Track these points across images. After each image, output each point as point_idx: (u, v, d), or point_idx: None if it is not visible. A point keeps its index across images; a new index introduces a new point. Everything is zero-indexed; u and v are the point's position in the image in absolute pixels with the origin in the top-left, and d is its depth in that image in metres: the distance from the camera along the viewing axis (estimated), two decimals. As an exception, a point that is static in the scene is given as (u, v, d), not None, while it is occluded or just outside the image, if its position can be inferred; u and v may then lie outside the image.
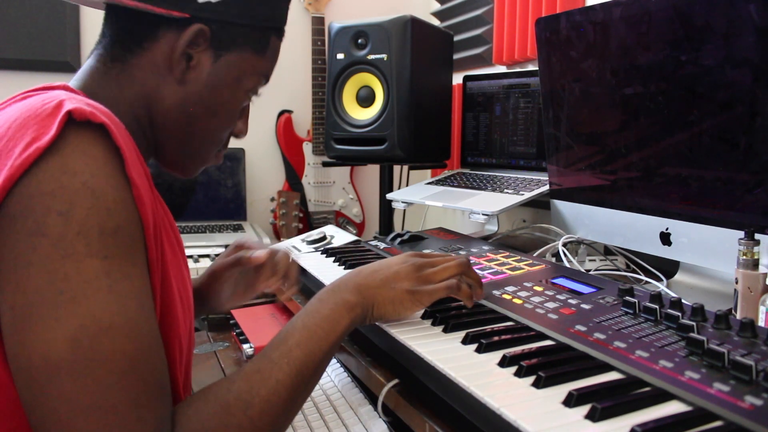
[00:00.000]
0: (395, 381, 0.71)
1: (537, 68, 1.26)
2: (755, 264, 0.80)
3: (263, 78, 0.74)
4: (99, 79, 0.68)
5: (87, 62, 0.70)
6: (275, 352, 0.61)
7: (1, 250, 0.50)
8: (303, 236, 1.46)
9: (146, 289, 0.56)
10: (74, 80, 0.69)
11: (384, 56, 1.62)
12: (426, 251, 1.05)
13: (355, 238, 1.37)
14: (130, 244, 0.54)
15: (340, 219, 2.38)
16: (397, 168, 2.02)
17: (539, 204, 1.62)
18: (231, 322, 1.29)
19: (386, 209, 1.82)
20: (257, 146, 2.33)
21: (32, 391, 0.49)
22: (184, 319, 0.66)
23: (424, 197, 1.54)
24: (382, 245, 1.22)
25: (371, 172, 2.37)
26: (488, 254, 1.08)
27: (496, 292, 0.86)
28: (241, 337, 1.18)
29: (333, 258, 1.16)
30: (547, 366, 0.61)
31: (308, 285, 1.06)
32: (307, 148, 2.33)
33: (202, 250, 1.86)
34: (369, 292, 0.71)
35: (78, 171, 0.51)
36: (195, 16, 0.66)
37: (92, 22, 2.08)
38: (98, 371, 0.49)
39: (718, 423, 0.50)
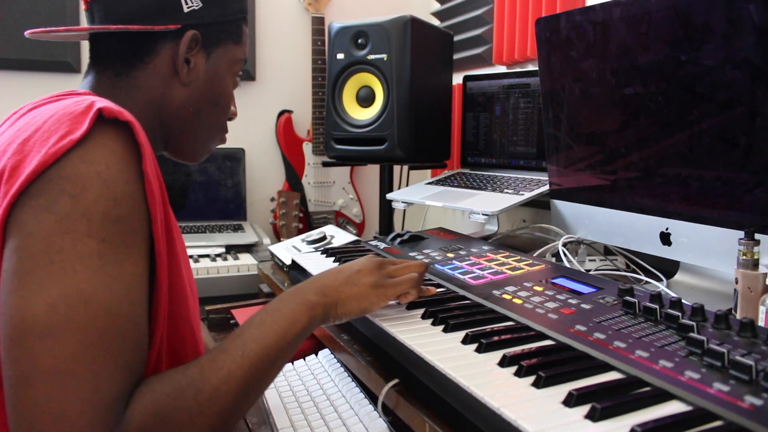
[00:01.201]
0: (395, 381, 0.71)
1: (537, 68, 1.26)
2: (755, 264, 0.80)
3: (243, 62, 0.84)
4: (108, 91, 0.73)
5: (87, 80, 0.76)
6: (231, 344, 0.63)
7: (13, 221, 0.55)
8: (303, 236, 1.46)
9: (138, 279, 0.58)
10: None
11: (384, 56, 1.62)
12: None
13: (355, 238, 1.37)
14: (130, 234, 0.58)
15: (340, 219, 2.39)
16: (397, 168, 2.02)
17: (539, 204, 1.62)
18: (231, 321, 1.29)
19: (386, 209, 1.82)
20: (257, 146, 2.33)
21: (7, 350, 0.53)
22: (194, 310, 0.71)
23: (424, 197, 1.54)
24: (382, 245, 1.22)
25: (371, 172, 2.37)
26: (488, 254, 1.08)
27: (496, 292, 0.86)
28: (241, 337, 1.17)
29: (333, 258, 1.16)
30: (547, 366, 0.61)
31: (308, 285, 1.06)
32: (307, 148, 2.33)
33: (202, 250, 1.86)
34: (332, 291, 0.73)
35: (95, 161, 0.57)
36: (185, 24, 0.74)
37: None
38: (67, 338, 0.52)
39: (718, 423, 0.50)
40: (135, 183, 0.59)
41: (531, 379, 0.59)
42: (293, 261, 1.20)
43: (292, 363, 1.05)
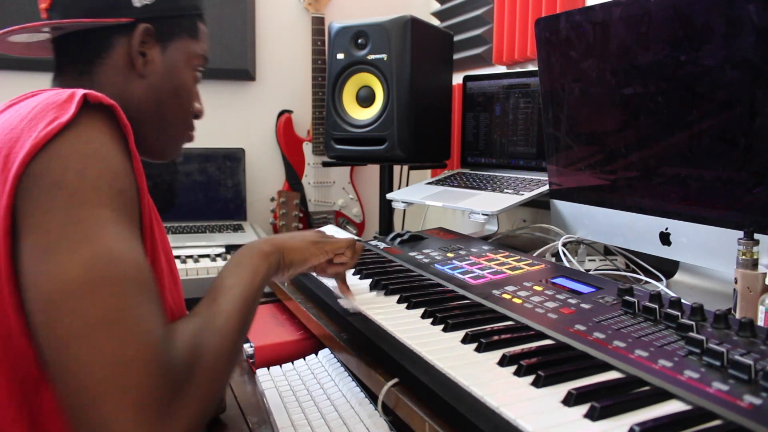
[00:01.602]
0: (395, 380, 0.71)
1: (537, 68, 1.26)
2: (755, 264, 0.80)
3: (203, 58, 0.86)
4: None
5: (55, 84, 0.79)
6: (216, 293, 0.68)
7: (23, 204, 0.57)
8: (303, 236, 1.46)
9: (141, 247, 0.63)
10: None
11: (384, 56, 1.62)
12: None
13: (355, 238, 1.37)
14: (130, 207, 0.63)
15: (340, 219, 2.39)
16: (397, 168, 2.02)
17: (539, 204, 1.62)
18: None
19: (386, 209, 1.82)
20: (257, 146, 2.33)
21: (49, 314, 0.54)
22: (171, 293, 0.74)
23: (424, 197, 1.55)
24: (382, 245, 1.22)
25: (371, 172, 2.37)
26: (488, 254, 1.08)
27: (495, 292, 0.86)
28: (241, 337, 1.17)
29: (333, 258, 1.15)
30: (546, 365, 0.61)
31: (308, 285, 1.06)
32: (307, 148, 2.33)
33: (202, 250, 1.86)
34: (279, 242, 0.82)
35: (91, 139, 0.60)
36: (138, 18, 0.77)
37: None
38: (108, 290, 0.55)
39: (717, 422, 0.51)
40: (126, 160, 0.63)
41: (530, 378, 0.59)
42: (293, 261, 1.20)
43: (293, 363, 1.05)
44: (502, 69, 1.93)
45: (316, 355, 1.06)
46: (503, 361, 0.64)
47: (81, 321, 0.53)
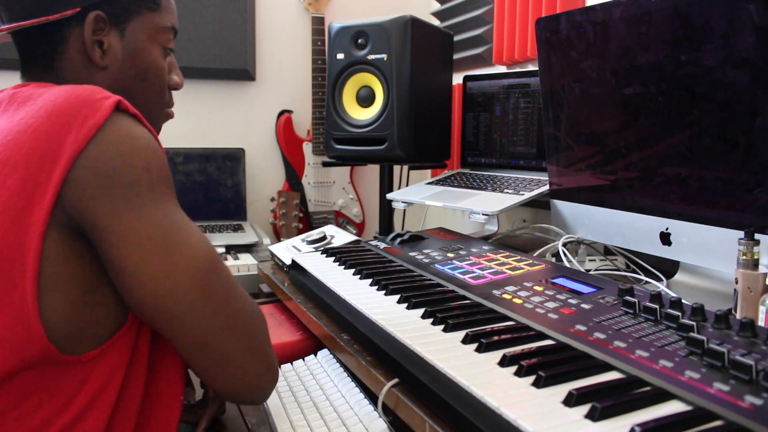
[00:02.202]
0: (395, 380, 0.71)
1: (537, 68, 1.26)
2: (755, 264, 0.80)
3: (171, 30, 0.80)
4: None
5: (25, 80, 0.77)
6: None
7: (99, 198, 0.60)
8: (303, 236, 1.46)
9: None
10: None
11: (384, 56, 1.62)
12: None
13: (355, 238, 1.37)
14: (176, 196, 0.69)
15: (340, 219, 2.38)
16: (397, 168, 2.02)
17: (539, 204, 1.62)
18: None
19: (386, 209, 1.82)
20: (257, 146, 2.33)
21: (202, 294, 0.64)
22: None
23: (424, 197, 1.55)
24: (382, 245, 1.22)
25: (371, 172, 2.37)
26: (488, 254, 1.08)
27: (496, 292, 0.86)
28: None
29: (333, 258, 1.16)
30: (547, 365, 0.61)
31: (309, 285, 1.06)
32: (307, 148, 2.33)
33: (202, 250, 1.86)
34: None
35: (139, 136, 0.64)
36: (85, 6, 0.72)
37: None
38: (221, 264, 0.67)
39: (717, 422, 0.50)
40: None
41: (531, 378, 0.59)
42: (293, 261, 1.20)
43: (291, 363, 1.05)
44: (502, 69, 1.93)
45: (315, 355, 1.06)
46: (504, 362, 0.63)
47: (228, 288, 0.66)
